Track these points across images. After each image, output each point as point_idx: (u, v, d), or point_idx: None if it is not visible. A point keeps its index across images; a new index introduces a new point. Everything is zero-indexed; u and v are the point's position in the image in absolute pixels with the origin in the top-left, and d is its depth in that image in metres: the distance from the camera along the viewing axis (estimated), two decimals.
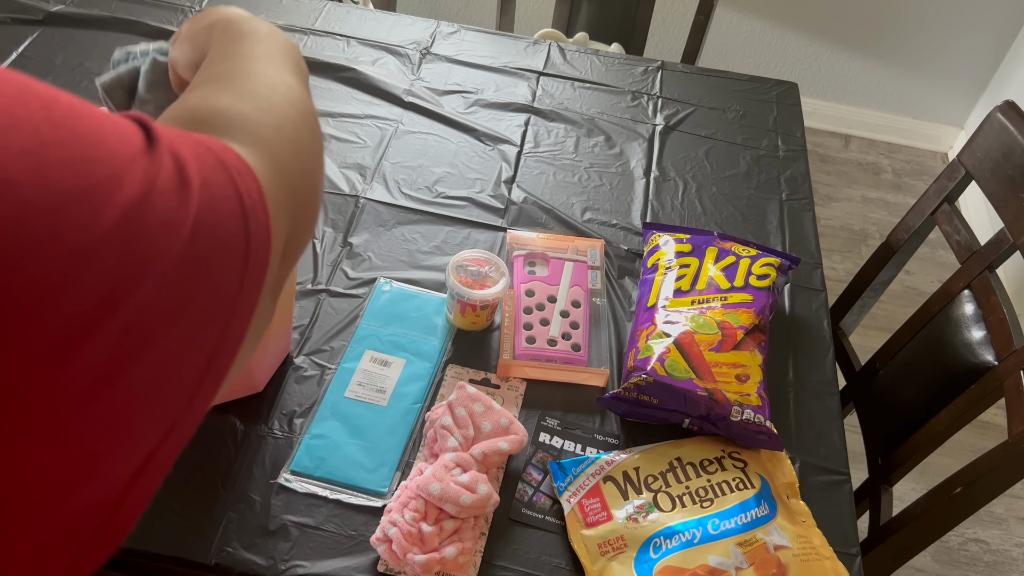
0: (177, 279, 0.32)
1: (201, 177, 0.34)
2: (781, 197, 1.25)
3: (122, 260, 0.29)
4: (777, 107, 1.41)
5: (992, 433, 1.94)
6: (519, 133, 1.29)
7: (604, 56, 1.46)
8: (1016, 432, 0.95)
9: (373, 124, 1.27)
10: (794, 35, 2.57)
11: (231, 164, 0.38)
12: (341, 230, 1.10)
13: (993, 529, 1.80)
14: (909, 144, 2.74)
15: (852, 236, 2.41)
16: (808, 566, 0.81)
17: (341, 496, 0.83)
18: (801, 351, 1.04)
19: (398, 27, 1.46)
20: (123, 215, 0.30)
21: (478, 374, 0.96)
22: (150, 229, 0.31)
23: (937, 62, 2.55)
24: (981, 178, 1.12)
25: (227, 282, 0.35)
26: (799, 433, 0.95)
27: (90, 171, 0.29)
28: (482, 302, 0.96)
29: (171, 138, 0.35)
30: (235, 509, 0.81)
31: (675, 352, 0.91)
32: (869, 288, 1.29)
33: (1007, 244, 1.07)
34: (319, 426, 0.88)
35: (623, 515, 0.83)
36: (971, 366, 1.07)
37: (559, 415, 0.93)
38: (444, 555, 0.77)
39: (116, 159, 0.31)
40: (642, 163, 1.26)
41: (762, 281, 1.01)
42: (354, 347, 0.95)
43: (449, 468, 0.81)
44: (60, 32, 1.35)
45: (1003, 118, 1.10)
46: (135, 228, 0.30)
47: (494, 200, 1.17)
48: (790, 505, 0.87)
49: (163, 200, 0.32)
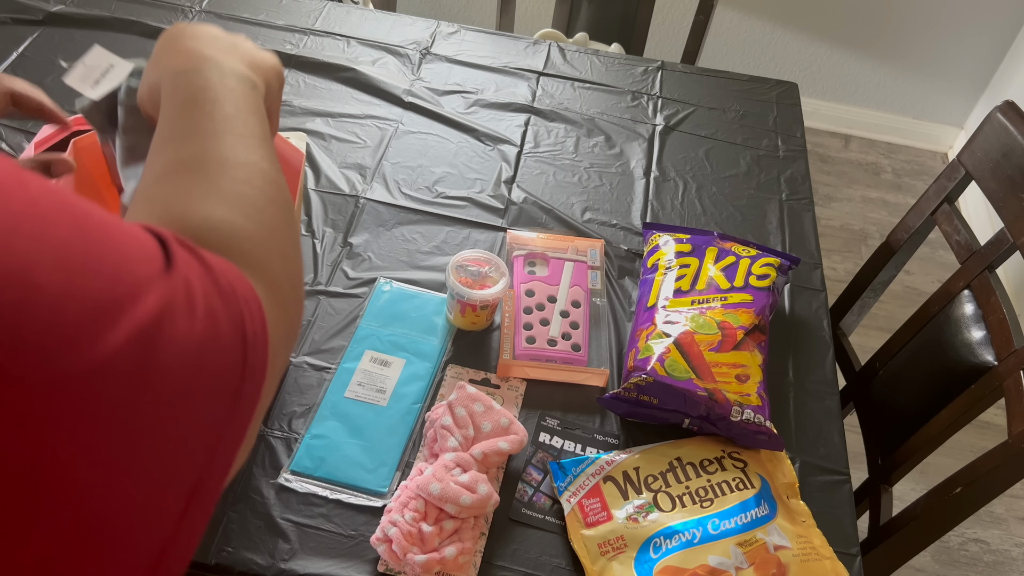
0: (169, 400, 0.33)
1: (206, 305, 0.36)
2: (781, 197, 1.25)
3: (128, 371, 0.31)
4: (777, 107, 1.41)
5: (992, 433, 1.94)
6: (519, 133, 1.29)
7: (604, 56, 1.46)
8: (1016, 432, 0.95)
9: (373, 124, 1.27)
10: (794, 35, 2.57)
11: (242, 294, 0.40)
12: (341, 230, 1.10)
13: (993, 529, 1.80)
14: (909, 144, 2.74)
15: (852, 236, 2.41)
16: (808, 566, 0.81)
17: (341, 496, 0.83)
18: (801, 351, 1.04)
19: (398, 27, 1.46)
20: (137, 329, 0.32)
21: (478, 374, 0.96)
22: (157, 347, 0.33)
23: (937, 62, 2.55)
24: (981, 178, 1.12)
25: (218, 407, 0.37)
26: (799, 433, 0.95)
27: (115, 284, 0.32)
28: (482, 302, 0.96)
29: (186, 261, 0.37)
30: (235, 509, 0.81)
31: (675, 352, 0.91)
32: (869, 288, 1.29)
33: (1007, 244, 1.07)
34: (319, 426, 0.88)
35: (623, 515, 0.83)
36: (971, 366, 1.07)
37: (559, 415, 0.93)
38: (444, 555, 0.77)
39: (138, 276, 0.33)
40: (642, 163, 1.27)
41: (762, 281, 1.01)
42: (354, 347, 0.95)
43: (449, 468, 0.81)
44: (60, 32, 1.35)
45: (1003, 118, 1.10)
46: (145, 343, 0.32)
47: (494, 200, 1.17)
48: (790, 505, 0.87)
49: (172, 323, 0.34)
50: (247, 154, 0.51)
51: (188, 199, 0.47)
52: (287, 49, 1.37)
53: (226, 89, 0.54)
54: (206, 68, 0.55)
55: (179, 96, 0.54)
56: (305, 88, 1.31)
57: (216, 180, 0.48)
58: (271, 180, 0.51)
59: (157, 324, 0.33)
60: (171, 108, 0.54)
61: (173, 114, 0.53)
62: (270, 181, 0.51)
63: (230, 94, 0.54)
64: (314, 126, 1.25)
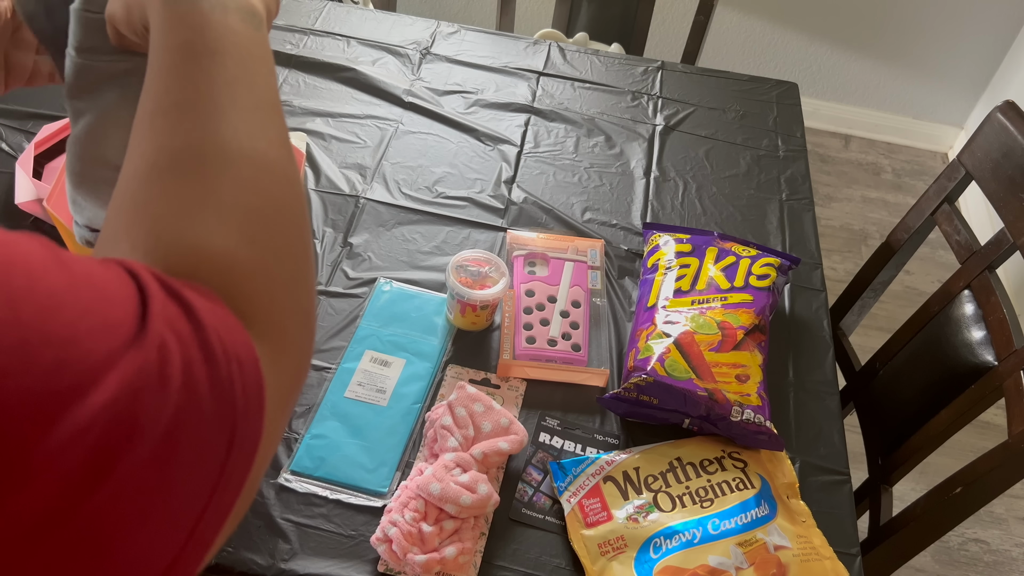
0: (142, 485, 0.30)
1: (186, 375, 0.32)
2: (781, 197, 1.25)
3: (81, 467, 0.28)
4: (777, 107, 1.41)
5: (992, 433, 1.94)
6: (519, 133, 1.29)
7: (604, 56, 1.46)
8: (1016, 432, 0.95)
9: (373, 124, 1.27)
10: (794, 35, 2.57)
11: (236, 355, 0.35)
12: (341, 230, 1.10)
13: (993, 529, 1.80)
14: (909, 144, 2.74)
15: (852, 236, 2.41)
16: (808, 566, 0.81)
17: (341, 496, 0.83)
18: (801, 351, 1.04)
19: (398, 27, 1.46)
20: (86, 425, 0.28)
21: (478, 374, 0.96)
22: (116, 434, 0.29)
23: (937, 62, 2.55)
24: (981, 178, 1.12)
25: (198, 487, 0.32)
26: (799, 433, 0.95)
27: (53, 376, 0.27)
28: (482, 302, 0.96)
29: (165, 322, 0.32)
30: None
31: (675, 352, 0.91)
32: (869, 288, 1.29)
33: (1007, 244, 1.07)
34: (319, 426, 0.88)
35: (623, 515, 0.83)
36: (971, 366, 1.07)
37: (559, 415, 0.93)
38: (444, 555, 0.77)
39: (90, 361, 0.29)
40: (642, 163, 1.27)
41: (762, 281, 1.01)
42: (354, 347, 0.95)
43: (449, 468, 0.81)
44: None
45: (1003, 118, 1.10)
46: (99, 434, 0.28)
47: (494, 200, 1.17)
48: (790, 505, 0.87)
49: (135, 403, 0.30)
50: (252, 141, 0.43)
51: (181, 217, 0.40)
52: (287, 49, 1.37)
53: (229, 32, 0.45)
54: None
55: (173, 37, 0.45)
56: (305, 88, 1.31)
57: (215, 185, 0.41)
58: (280, 178, 0.44)
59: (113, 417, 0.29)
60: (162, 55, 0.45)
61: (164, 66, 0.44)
62: (279, 180, 0.43)
63: (234, 40, 0.45)
64: (314, 126, 1.25)
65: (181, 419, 0.31)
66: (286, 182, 0.44)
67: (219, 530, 0.34)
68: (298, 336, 0.42)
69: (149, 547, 0.31)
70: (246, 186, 0.41)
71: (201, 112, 0.42)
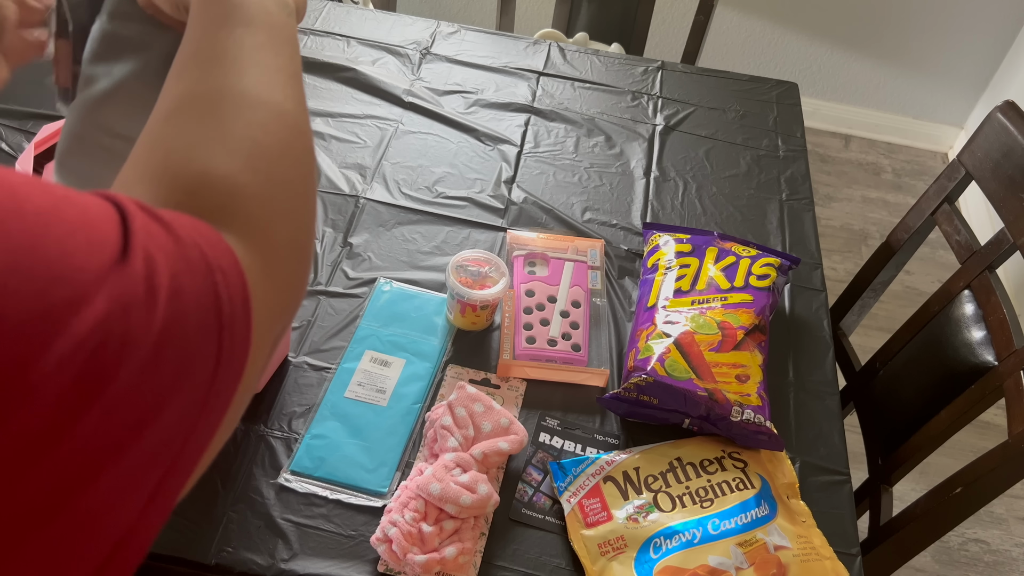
0: (132, 401, 0.30)
1: (172, 288, 0.32)
2: (781, 197, 1.25)
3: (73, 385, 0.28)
4: (777, 107, 1.41)
5: (992, 433, 1.94)
6: (519, 133, 1.29)
7: (604, 56, 1.46)
8: (1016, 432, 0.95)
9: (373, 124, 1.27)
10: (794, 35, 2.57)
11: (219, 266, 0.35)
12: (341, 230, 1.10)
13: (993, 529, 1.80)
14: (909, 144, 2.74)
15: (852, 236, 2.41)
16: (808, 566, 0.81)
17: (341, 496, 0.83)
18: (801, 351, 1.04)
19: (398, 27, 1.46)
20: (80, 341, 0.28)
21: (478, 374, 0.96)
22: (107, 352, 0.29)
23: (937, 62, 2.55)
24: (981, 178, 1.12)
25: (188, 398, 0.33)
26: (799, 433, 0.95)
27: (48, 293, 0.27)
28: (482, 302, 0.96)
29: (148, 236, 0.32)
30: (235, 509, 0.81)
31: (675, 352, 0.91)
32: (869, 288, 1.29)
33: (1007, 244, 1.07)
34: (319, 426, 0.88)
35: (623, 515, 0.83)
36: (971, 366, 1.07)
37: (559, 415, 0.93)
38: (444, 555, 0.77)
39: (81, 277, 0.29)
40: (642, 163, 1.27)
41: (762, 281, 1.01)
42: (354, 347, 0.95)
43: (449, 468, 0.81)
44: None
45: (1003, 118, 1.10)
46: (91, 351, 0.28)
47: (494, 200, 1.17)
48: (790, 505, 0.87)
49: (125, 318, 0.30)
50: (271, 92, 0.47)
51: (192, 147, 0.42)
52: None
53: (264, 12, 0.50)
54: None
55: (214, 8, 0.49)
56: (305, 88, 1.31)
57: (229, 123, 0.44)
58: (291, 125, 0.47)
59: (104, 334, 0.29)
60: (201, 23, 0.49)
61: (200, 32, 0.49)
62: (289, 126, 0.47)
63: (267, 18, 0.50)
64: (314, 126, 1.25)
65: (169, 330, 0.31)
66: (297, 131, 0.47)
67: (210, 440, 0.35)
68: (291, 258, 0.43)
69: (139, 463, 0.31)
70: (257, 126, 0.44)
71: (227, 65, 0.46)
